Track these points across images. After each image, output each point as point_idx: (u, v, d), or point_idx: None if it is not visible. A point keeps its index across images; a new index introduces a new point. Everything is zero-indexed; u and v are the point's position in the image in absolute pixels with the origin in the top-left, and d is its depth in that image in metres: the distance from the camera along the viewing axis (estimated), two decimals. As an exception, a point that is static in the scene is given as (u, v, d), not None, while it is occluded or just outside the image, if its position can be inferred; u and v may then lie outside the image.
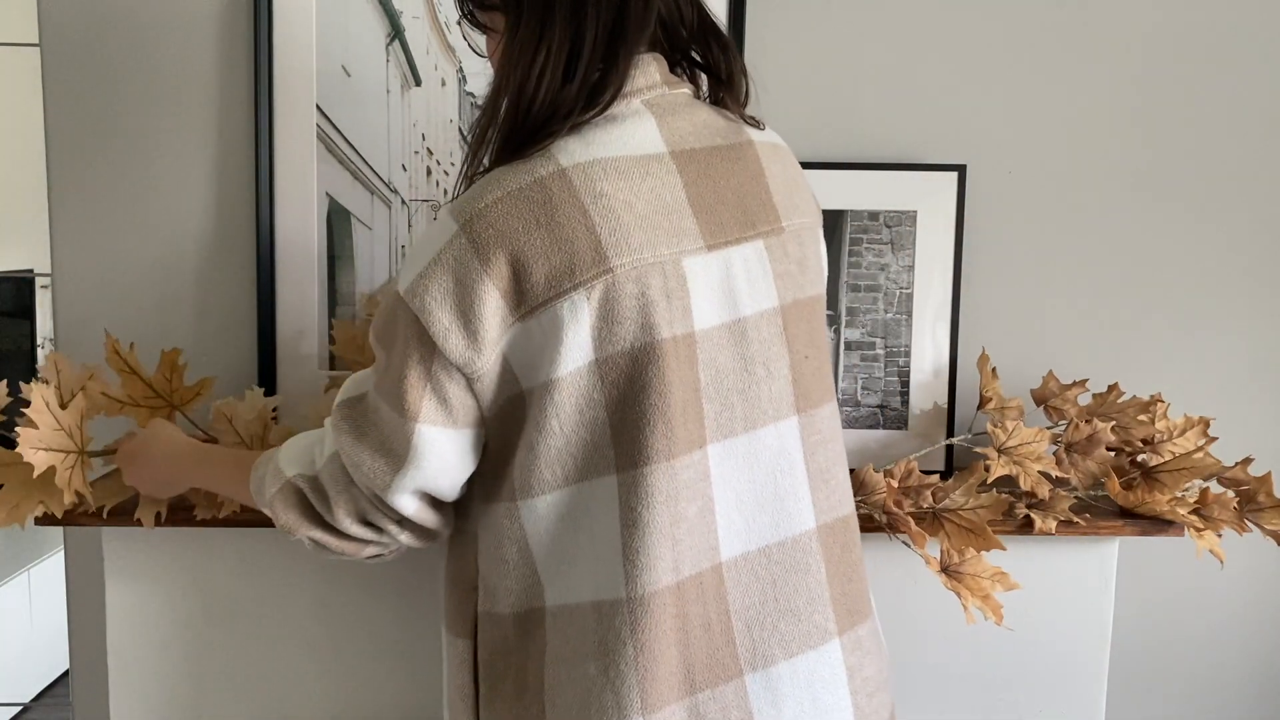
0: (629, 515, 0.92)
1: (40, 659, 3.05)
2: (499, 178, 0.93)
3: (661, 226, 0.94)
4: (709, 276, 0.96)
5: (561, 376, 0.92)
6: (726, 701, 0.95)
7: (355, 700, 1.42)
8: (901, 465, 1.37)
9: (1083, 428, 1.41)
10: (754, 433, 0.98)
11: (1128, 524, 1.39)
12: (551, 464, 0.94)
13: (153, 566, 1.39)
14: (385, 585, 1.41)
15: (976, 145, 1.55)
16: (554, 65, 0.94)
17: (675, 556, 0.93)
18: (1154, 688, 1.66)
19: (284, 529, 1.04)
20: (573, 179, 0.92)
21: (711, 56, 1.05)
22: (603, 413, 0.93)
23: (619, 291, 0.91)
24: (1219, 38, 1.55)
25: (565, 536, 0.95)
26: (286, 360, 1.51)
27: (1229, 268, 1.59)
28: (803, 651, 0.99)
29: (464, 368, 0.92)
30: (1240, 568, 1.61)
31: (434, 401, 0.94)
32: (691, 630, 0.95)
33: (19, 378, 1.26)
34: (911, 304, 1.51)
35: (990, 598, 1.33)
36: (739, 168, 1.01)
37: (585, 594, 0.94)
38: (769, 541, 0.99)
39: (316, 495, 1.02)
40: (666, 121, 0.98)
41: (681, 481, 0.94)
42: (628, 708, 0.92)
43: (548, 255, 0.90)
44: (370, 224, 1.51)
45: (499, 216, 0.91)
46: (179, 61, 1.49)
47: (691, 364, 0.94)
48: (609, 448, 0.93)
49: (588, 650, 0.94)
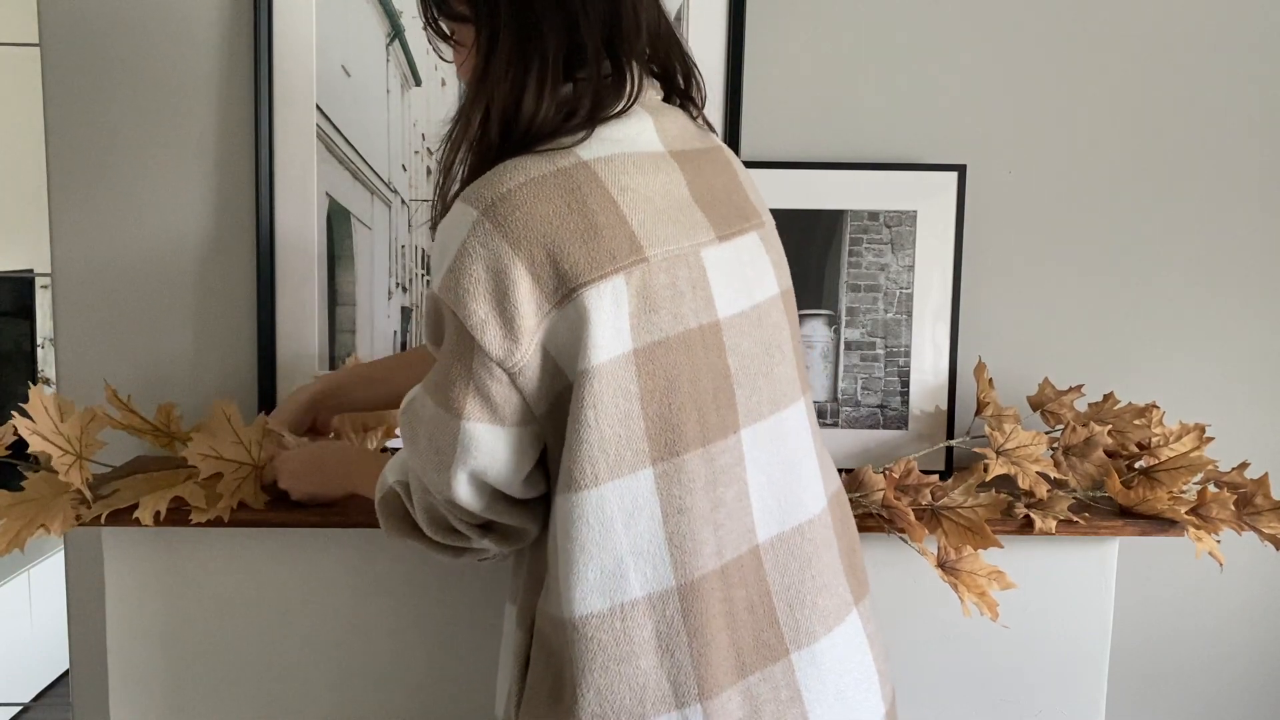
0: (670, 504, 0.93)
1: (40, 659, 3.04)
2: (514, 167, 0.92)
3: (679, 220, 0.96)
4: (725, 267, 0.98)
5: (599, 365, 0.90)
6: (777, 681, 0.97)
7: (355, 700, 1.42)
8: (901, 464, 1.37)
9: (1079, 431, 1.41)
10: (779, 414, 1.01)
11: (1128, 524, 1.39)
12: (582, 460, 0.91)
13: (153, 566, 1.39)
14: (385, 585, 1.41)
15: (976, 145, 1.55)
16: (552, 75, 0.94)
17: (718, 541, 0.95)
18: (1154, 687, 1.66)
19: (387, 534, 1.06)
20: (597, 171, 0.93)
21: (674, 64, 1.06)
22: (636, 405, 0.91)
23: (655, 280, 0.92)
24: (1219, 38, 1.55)
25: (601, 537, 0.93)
26: (286, 360, 1.51)
27: (1228, 269, 1.59)
28: (838, 624, 1.02)
29: (503, 362, 0.90)
30: (1240, 568, 1.61)
31: (478, 399, 0.92)
32: (737, 613, 0.96)
33: (19, 378, 1.26)
34: (911, 304, 1.51)
35: (986, 595, 1.33)
36: (719, 168, 1.05)
37: (634, 591, 0.93)
38: (801, 520, 1.01)
39: (408, 500, 1.03)
40: (660, 122, 1.00)
41: (719, 467, 0.95)
42: (686, 695, 0.92)
43: (585, 239, 0.90)
44: (370, 224, 1.51)
45: (525, 200, 0.90)
46: (179, 61, 1.49)
47: (720, 351, 0.96)
48: (643, 441, 0.92)
49: (641, 646, 0.93)
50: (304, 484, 1.30)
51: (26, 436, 1.22)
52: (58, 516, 1.25)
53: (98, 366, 1.50)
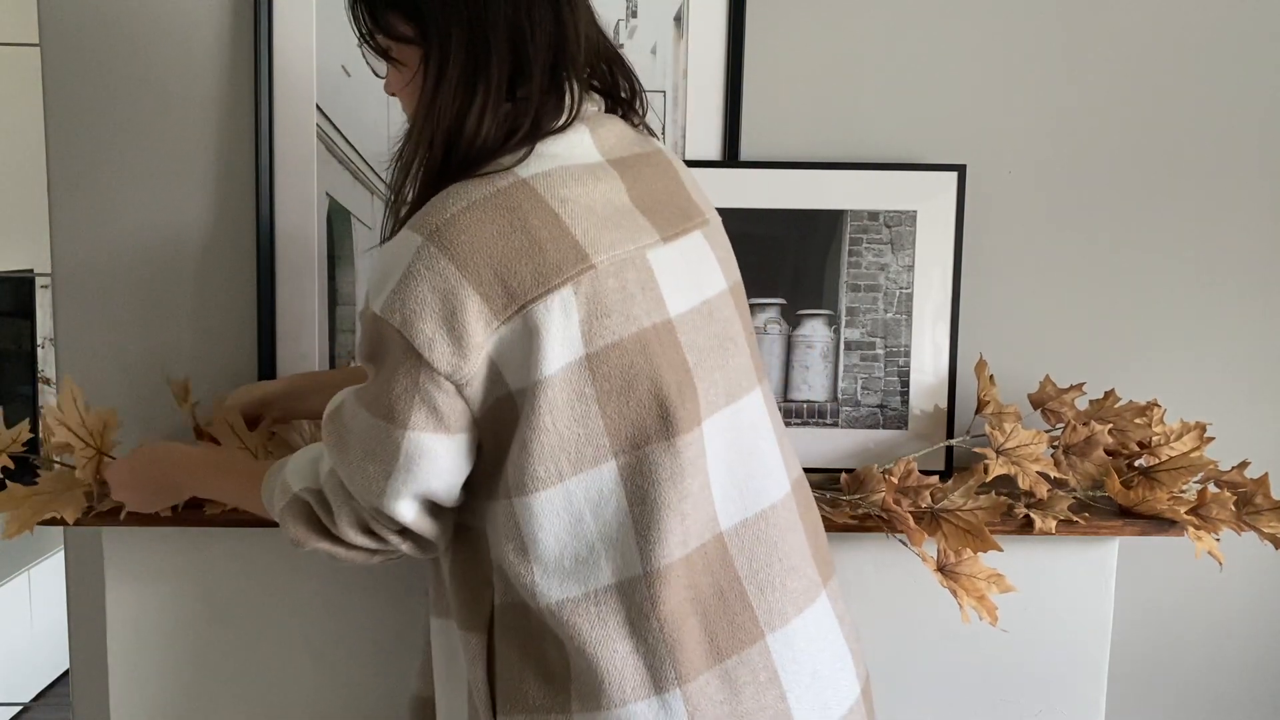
0: (636, 494, 0.96)
1: (40, 659, 3.05)
2: (456, 192, 0.95)
3: (622, 225, 0.98)
4: (671, 266, 1.01)
5: (554, 374, 0.93)
6: (754, 664, 1.00)
7: (355, 700, 1.42)
8: (901, 465, 1.37)
9: (1080, 430, 1.41)
10: (735, 404, 1.04)
11: (1127, 524, 1.39)
12: (545, 460, 0.95)
13: (153, 566, 1.39)
14: (385, 585, 1.41)
15: (976, 145, 1.55)
16: (495, 98, 0.96)
17: (684, 530, 0.97)
18: (1154, 688, 1.66)
19: (294, 542, 1.06)
20: (535, 187, 0.96)
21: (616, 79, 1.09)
22: (594, 406, 0.95)
23: (603, 285, 0.95)
24: (1219, 38, 1.55)
25: (574, 527, 0.97)
26: (286, 360, 1.51)
27: (1229, 268, 1.59)
28: (809, 605, 1.05)
29: (451, 375, 0.93)
30: (1240, 568, 1.61)
31: (424, 411, 0.95)
32: (705, 599, 0.99)
33: (19, 378, 1.28)
34: (911, 304, 1.51)
35: (985, 599, 1.33)
36: (659, 171, 1.07)
37: (606, 578, 0.97)
38: (764, 506, 1.04)
39: (321, 508, 1.04)
40: (597, 133, 1.03)
41: (685, 459, 0.97)
42: (664, 681, 0.96)
43: (530, 255, 0.93)
44: (370, 224, 1.52)
45: (469, 224, 0.93)
46: (179, 62, 1.49)
47: (676, 348, 0.98)
48: (603, 437, 0.95)
49: (615, 631, 0.97)
50: (138, 494, 1.26)
51: (54, 427, 1.28)
52: (70, 506, 1.29)
53: (98, 366, 1.50)
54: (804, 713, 1.01)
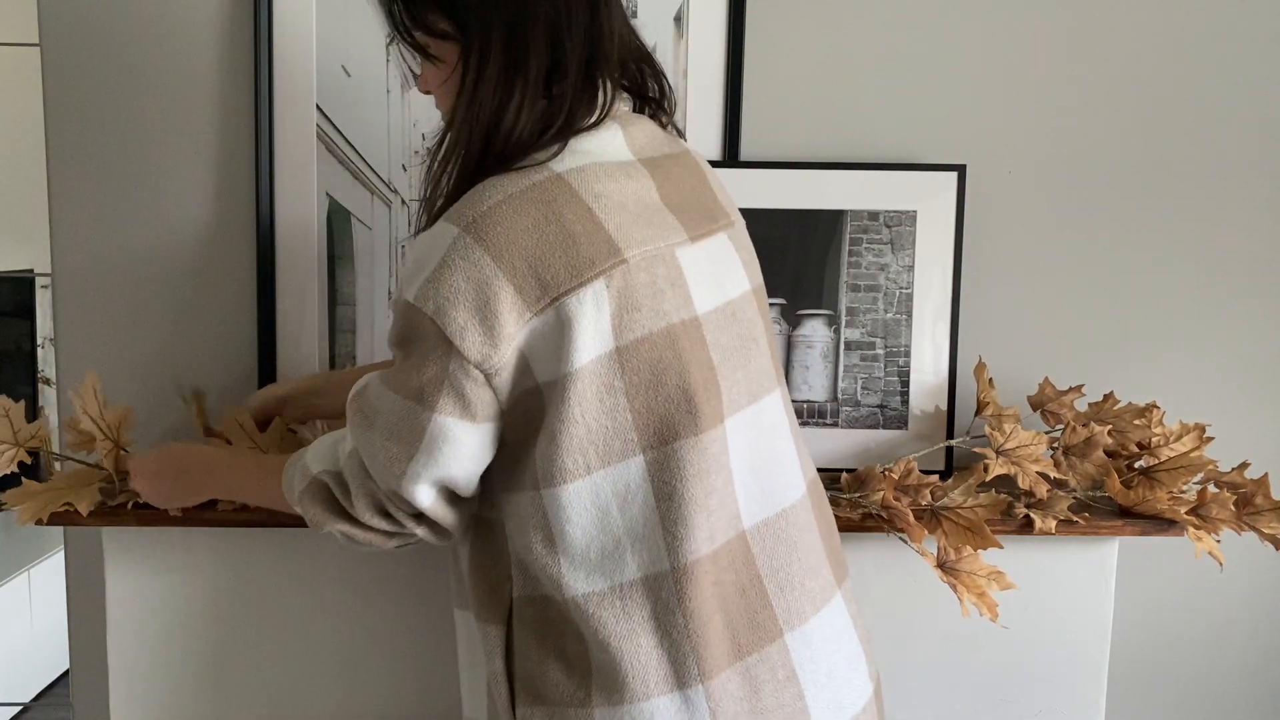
0: (663, 489, 0.97)
1: (40, 659, 3.05)
2: (492, 186, 0.96)
3: (652, 222, 0.99)
4: (698, 266, 1.02)
5: (584, 366, 0.94)
6: (773, 662, 1.01)
7: (356, 699, 1.42)
8: (901, 464, 1.37)
9: (1080, 431, 1.41)
10: (756, 404, 1.05)
11: (1127, 524, 1.39)
12: (573, 452, 0.96)
13: (153, 566, 1.39)
14: (386, 584, 1.41)
15: (976, 145, 1.55)
16: (533, 94, 0.98)
17: (710, 526, 0.99)
18: (1154, 688, 1.66)
19: (313, 524, 1.07)
20: (570, 182, 0.97)
21: (645, 78, 1.10)
22: (623, 399, 0.96)
23: (635, 280, 0.96)
24: (1219, 38, 1.55)
25: (601, 520, 0.98)
26: (286, 359, 1.51)
27: (1229, 269, 1.59)
28: (825, 605, 1.06)
29: (481, 364, 0.94)
30: (1240, 568, 1.61)
31: (452, 397, 0.96)
32: (728, 596, 1.00)
33: (19, 378, 1.29)
34: (911, 304, 1.51)
35: (986, 595, 1.33)
36: (688, 172, 1.08)
37: (632, 572, 0.98)
38: (784, 506, 1.05)
39: (340, 489, 1.05)
40: (628, 131, 1.04)
41: (710, 455, 0.98)
42: (687, 676, 0.97)
43: (563, 248, 0.94)
44: (370, 224, 1.52)
45: (505, 216, 0.94)
46: (179, 61, 1.49)
47: (702, 346, 1.00)
48: (631, 431, 0.96)
49: (640, 625, 0.97)
50: (160, 486, 1.28)
51: (79, 415, 1.32)
52: (85, 498, 1.31)
53: (98, 366, 1.50)
54: (820, 711, 1.03)
